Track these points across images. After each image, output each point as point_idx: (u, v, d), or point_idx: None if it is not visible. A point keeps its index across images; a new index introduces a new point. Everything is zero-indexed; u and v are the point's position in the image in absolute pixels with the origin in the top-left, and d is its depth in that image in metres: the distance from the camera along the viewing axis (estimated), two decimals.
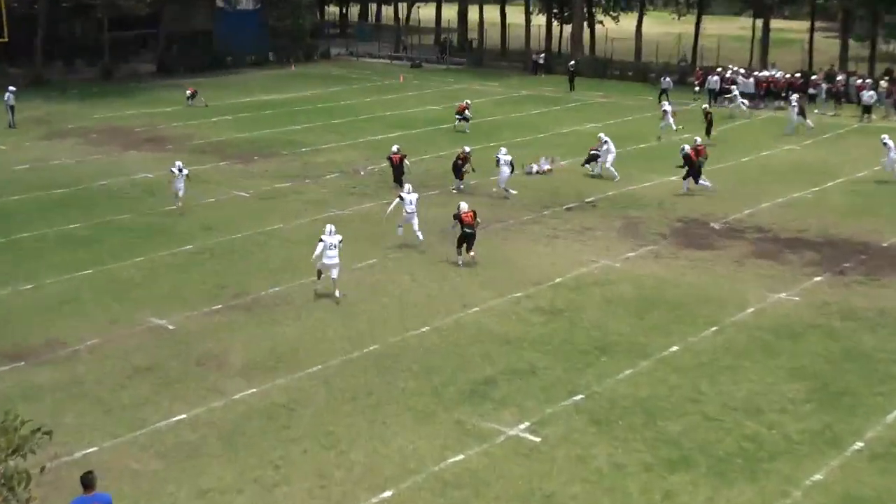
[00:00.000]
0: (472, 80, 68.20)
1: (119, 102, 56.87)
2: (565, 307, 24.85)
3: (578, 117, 52.48)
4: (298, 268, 27.54)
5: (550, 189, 36.70)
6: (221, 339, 22.69)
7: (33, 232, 31.15)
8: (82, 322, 23.72)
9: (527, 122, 51.12)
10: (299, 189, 36.75)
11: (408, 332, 23.17)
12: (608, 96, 60.47)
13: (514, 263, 28.22)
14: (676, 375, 20.99)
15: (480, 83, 66.39)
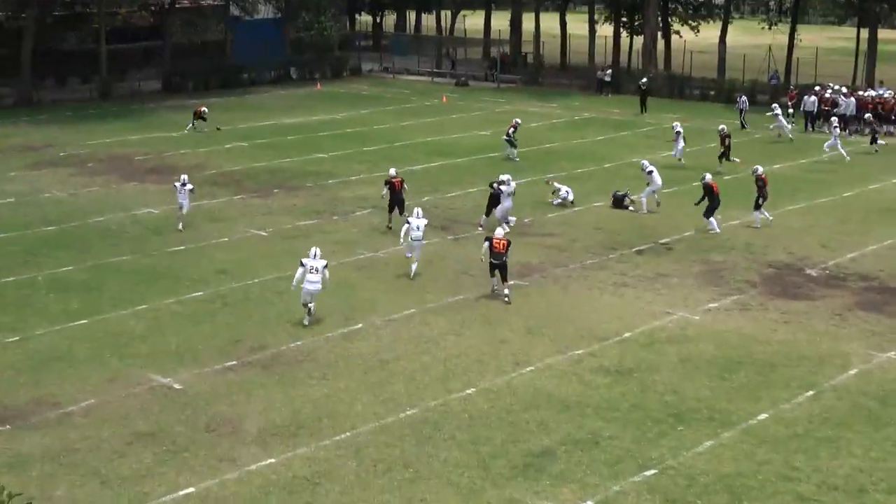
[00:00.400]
0: (526, 100, 68.70)
1: (119, 126, 57.81)
2: (635, 367, 24.96)
3: (651, 144, 52.66)
4: (324, 319, 27.89)
5: (618, 228, 36.89)
6: (235, 402, 23.02)
7: (20, 276, 31.75)
8: (76, 380, 24.13)
9: (590, 149, 51.41)
10: (326, 227, 37.20)
11: (451, 394, 23.38)
12: (686, 119, 60.57)
13: (576, 315, 28.39)
14: (765, 448, 21.03)
15: (536, 104, 66.86)
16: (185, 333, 27.00)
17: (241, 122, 58.41)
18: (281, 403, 22.89)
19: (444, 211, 39.19)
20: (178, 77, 72.49)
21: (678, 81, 70.77)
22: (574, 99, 69.05)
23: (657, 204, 39.59)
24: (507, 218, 36.56)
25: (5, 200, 41.08)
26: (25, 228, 37.08)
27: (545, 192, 41.19)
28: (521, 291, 30.21)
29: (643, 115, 61.96)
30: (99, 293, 30.14)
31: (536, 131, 56.47)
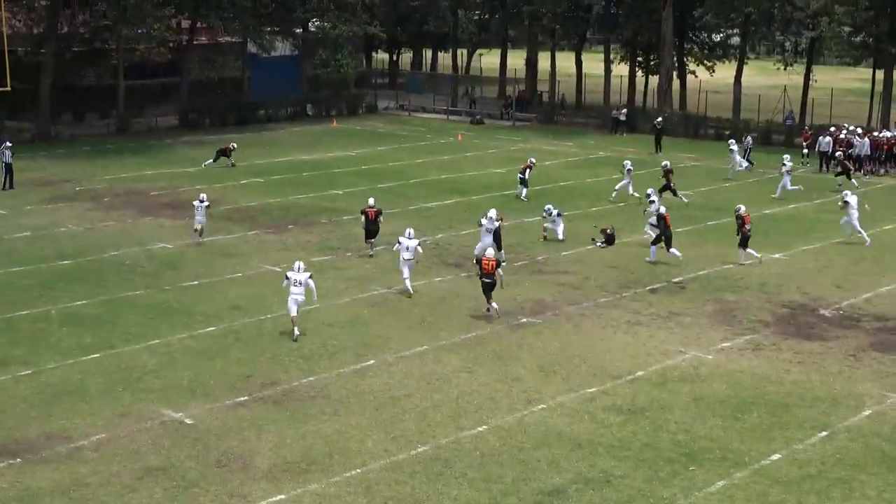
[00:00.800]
0: (541, 138, 68.85)
1: (135, 161, 58.09)
2: (647, 406, 24.87)
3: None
4: (336, 355, 27.89)
5: (631, 267, 36.85)
6: (246, 437, 22.98)
7: (34, 309, 31.84)
8: (87, 414, 24.15)
9: (605, 188, 51.38)
10: (340, 264, 37.25)
11: (462, 431, 23.31)
12: (701, 159, 60.68)
13: (589, 354, 28.34)
14: (778, 489, 20.89)
15: (551, 142, 66.99)
16: (197, 368, 27.00)
17: (257, 159, 58.60)
18: (292, 439, 22.84)
19: (459, 248, 39.20)
20: (195, 113, 72.87)
21: (693, 121, 70.90)
22: (589, 138, 69.18)
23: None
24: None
25: (22, 234, 41.25)
26: (41, 262, 37.19)
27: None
28: (533, 329, 30.18)
29: (658, 154, 61.96)
30: (112, 328, 30.18)
31: (551, 169, 56.56)
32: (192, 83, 75.97)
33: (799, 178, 54.74)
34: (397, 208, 45.85)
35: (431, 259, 37.67)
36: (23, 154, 57.59)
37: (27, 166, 55.37)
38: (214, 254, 38.30)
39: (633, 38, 78.90)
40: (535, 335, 29.72)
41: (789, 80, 74.58)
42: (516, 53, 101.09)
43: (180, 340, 29.14)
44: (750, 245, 37.93)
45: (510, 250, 38.67)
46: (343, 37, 79.90)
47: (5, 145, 50.67)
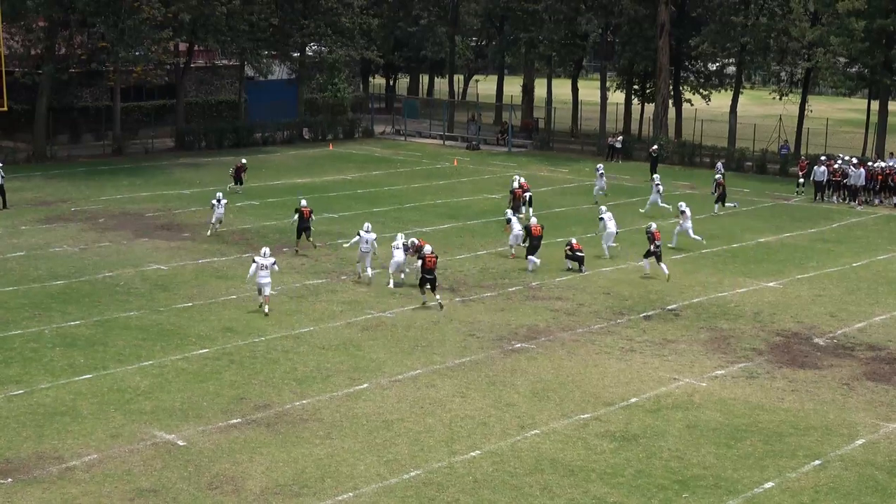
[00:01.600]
0: (536, 164, 68.96)
1: (131, 182, 58.13)
2: (641, 433, 24.85)
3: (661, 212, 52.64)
4: (330, 378, 27.85)
5: (626, 293, 36.88)
6: (239, 460, 22.93)
7: (27, 329, 31.78)
8: (79, 435, 24.09)
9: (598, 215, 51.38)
10: (334, 287, 37.24)
11: (455, 456, 23.27)
12: (696, 186, 60.78)
13: (582, 380, 28.32)
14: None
15: (547, 168, 67.08)
16: (190, 390, 26.94)
17: (252, 181, 58.58)
18: (284, 462, 22.79)
19: (454, 273, 39.18)
20: (191, 136, 72.95)
21: (689, 149, 71.06)
22: (584, 164, 69.26)
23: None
24: (403, 270, 37.43)
25: (16, 254, 41.20)
26: (35, 282, 37.14)
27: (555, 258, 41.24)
28: (527, 355, 30.16)
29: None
30: (105, 348, 30.13)
31: (547, 196, 56.61)
32: (189, 105, 76.09)
33: (794, 207, 54.96)
34: (391, 231, 45.83)
35: None
36: (18, 174, 57.71)
37: (23, 186, 55.42)
38: (208, 276, 38.28)
39: (630, 67, 79.17)
40: (528, 361, 29.71)
41: (785, 110, 74.88)
42: (513, 80, 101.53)
43: (173, 362, 29.09)
44: (746, 272, 37.98)
45: (505, 276, 38.75)
46: (340, 61, 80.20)
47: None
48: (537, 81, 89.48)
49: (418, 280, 34.88)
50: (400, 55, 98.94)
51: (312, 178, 61.08)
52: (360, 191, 56.91)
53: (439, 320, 33.21)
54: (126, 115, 71.53)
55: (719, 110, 78.79)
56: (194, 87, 78.58)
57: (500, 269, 39.79)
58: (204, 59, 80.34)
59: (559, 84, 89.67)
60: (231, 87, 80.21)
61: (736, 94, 74.59)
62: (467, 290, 37.05)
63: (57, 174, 60.57)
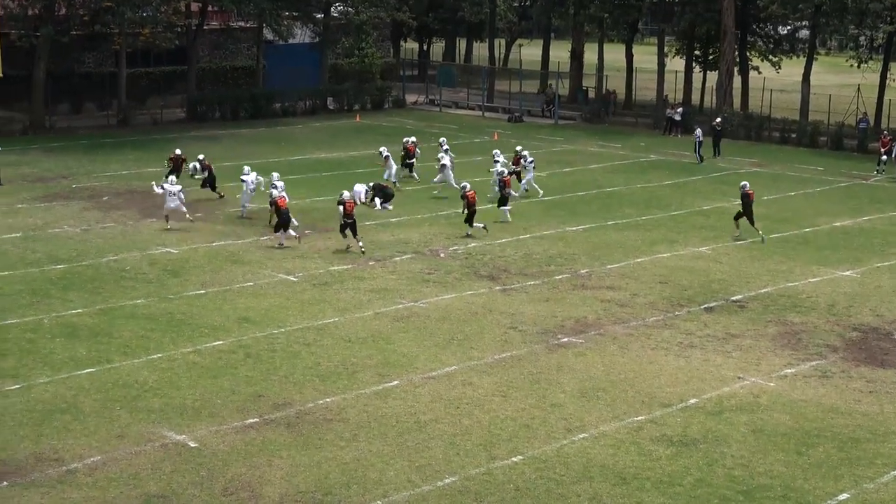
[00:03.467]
0: (586, 139, 68.80)
1: (137, 156, 58.41)
2: (701, 437, 24.81)
3: (725, 191, 52.54)
4: (356, 375, 27.93)
5: (685, 283, 36.79)
6: (256, 463, 23.05)
7: (24, 318, 32.03)
8: (81, 435, 24.26)
9: (656, 195, 51.36)
10: (361, 273, 37.34)
11: (494, 462, 23.31)
12: (764, 164, 60.52)
13: (635, 379, 28.29)
14: None
15: (598, 143, 66.93)
16: (202, 387, 27.09)
17: (271, 156, 58.77)
18: (306, 467, 22.89)
19: (494, 259, 39.21)
20: (204, 105, 73.21)
21: (756, 122, 70.72)
22: (639, 139, 69.08)
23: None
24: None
25: (11, 235, 41.51)
26: (32, 266, 37.42)
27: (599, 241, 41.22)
28: (574, 350, 30.16)
29: (716, 158, 61.83)
30: (109, 340, 30.33)
31: (597, 173, 56.52)
32: (201, 72, 76.34)
33: (874, 188, 54.63)
34: (423, 213, 45.91)
35: (462, 270, 37.69)
36: (14, 147, 58.06)
37: (19, 160, 55.79)
38: (223, 260, 38.45)
39: (691, 30, 78.73)
40: (576, 357, 29.70)
41: (864, 79, 74.32)
42: (560, 44, 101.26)
43: (184, 355, 29.25)
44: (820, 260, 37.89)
45: (551, 262, 38.74)
46: (368, 23, 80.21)
47: None
48: (587, 46, 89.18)
49: (339, 226, 39.51)
50: (435, 16, 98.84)
51: (337, 153, 61.18)
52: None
53: (478, 312, 33.24)
54: (132, 82, 71.79)
55: (790, 79, 78.27)
56: (207, 51, 78.86)
57: (544, 256, 39.77)
58: (218, 21, 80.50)
59: (612, 49, 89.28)
60: (248, 52, 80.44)
61: (809, 62, 74.07)
62: (509, 277, 37.06)
63: (56, 147, 60.94)
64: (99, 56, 74.13)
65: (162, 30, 70.20)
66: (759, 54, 79.36)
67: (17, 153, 57.39)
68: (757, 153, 64.08)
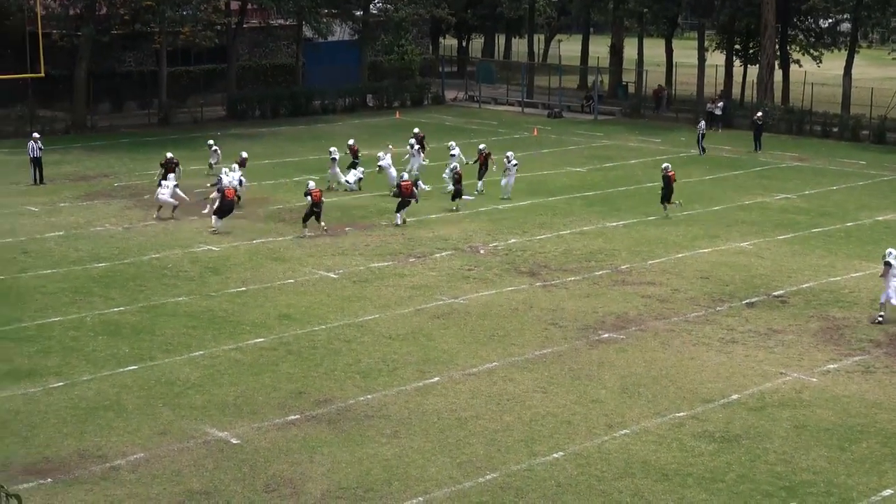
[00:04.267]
0: (626, 134, 68.65)
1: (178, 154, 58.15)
2: (743, 433, 24.72)
3: (766, 186, 52.33)
4: (397, 371, 27.97)
5: (726, 278, 36.64)
6: (297, 460, 23.12)
7: (67, 316, 32.26)
8: (124, 432, 24.42)
9: (696, 190, 51.17)
10: (401, 270, 37.39)
11: (536, 458, 23.31)
12: (806, 158, 60.21)
13: (677, 374, 28.21)
14: None
15: (637, 138, 66.76)
16: (244, 383, 27.20)
17: (310, 154, 58.98)
18: (347, 463, 22.94)
19: (534, 255, 39.18)
20: (243, 103, 73.46)
21: (797, 116, 70.33)
22: (680, 133, 68.86)
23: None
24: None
25: (54, 233, 41.79)
26: (75, 264, 37.67)
27: (640, 236, 41.14)
28: (615, 346, 30.10)
29: (757, 152, 61.59)
30: (151, 337, 30.50)
31: (637, 168, 56.37)
32: (241, 70, 76.64)
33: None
34: (464, 209, 45.90)
35: (502, 266, 37.68)
36: (57, 146, 58.51)
37: (61, 159, 56.19)
38: (264, 258, 38.59)
39: (731, 24, 78.38)
40: (617, 353, 29.64)
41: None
42: (599, 39, 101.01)
43: (226, 352, 29.38)
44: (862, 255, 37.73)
45: (591, 258, 38.68)
46: (407, 20, 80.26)
47: (34, 137, 51.25)
48: (627, 41, 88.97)
49: (304, 214, 41.54)
50: (473, 13, 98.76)
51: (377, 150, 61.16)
52: (430, 164, 56.90)
53: (518, 308, 33.23)
54: (173, 80, 72.17)
55: (831, 73, 77.84)
56: (247, 49, 79.15)
57: (585, 251, 39.70)
58: (258, 19, 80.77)
59: (651, 44, 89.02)
60: (287, 50, 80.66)
61: (851, 55, 73.63)
62: (549, 273, 37.03)
63: (98, 146, 61.33)
64: (139, 55, 74.52)
65: (202, 28, 70.45)
66: (800, 48, 78.90)
67: (60, 152, 57.80)
68: (798, 147, 63.75)
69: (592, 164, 57.21)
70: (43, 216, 44.65)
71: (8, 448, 23.44)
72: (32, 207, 46.24)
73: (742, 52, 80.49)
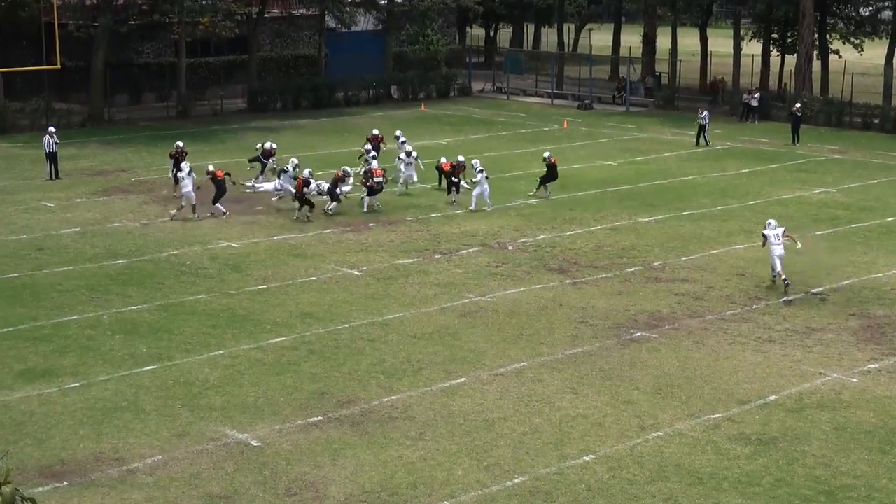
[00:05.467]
0: (659, 126, 68.48)
1: (197, 148, 58.58)
2: (780, 436, 24.62)
3: (804, 179, 52.12)
4: (422, 371, 27.96)
5: (763, 275, 36.50)
6: (320, 463, 23.14)
7: (83, 315, 32.37)
8: (141, 433, 24.48)
9: (732, 184, 51.00)
10: (426, 267, 37.38)
11: (565, 461, 23.26)
12: (845, 151, 59.95)
13: (712, 374, 28.12)
14: None
15: (671, 130, 66.60)
16: (264, 384, 27.24)
17: (333, 147, 59.04)
18: (371, 466, 22.95)
19: (563, 251, 39.13)
20: (265, 95, 73.58)
21: (836, 108, 69.97)
22: (715, 126, 68.60)
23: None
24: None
25: (70, 230, 41.95)
26: (91, 261, 37.79)
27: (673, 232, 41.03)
28: (648, 345, 30.03)
29: (795, 145, 61.36)
30: (170, 336, 30.58)
31: (670, 162, 56.23)
32: (262, 61, 76.73)
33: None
34: (493, 205, 45.83)
35: (531, 263, 37.64)
36: (73, 140, 58.75)
37: (77, 153, 56.40)
38: (285, 254, 38.63)
39: (768, 12, 78.07)
40: (650, 352, 29.58)
41: None
42: (631, 29, 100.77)
43: (246, 352, 29.43)
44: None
45: (623, 255, 38.61)
46: (433, 9, 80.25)
47: (49, 131, 51.38)
48: (660, 30, 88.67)
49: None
50: (501, 2, 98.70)
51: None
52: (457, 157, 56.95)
53: (547, 306, 33.18)
54: (192, 72, 72.32)
55: (872, 62, 77.50)
56: (268, 40, 79.26)
57: (616, 247, 39.62)
58: (279, 9, 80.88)
59: (685, 33, 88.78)
60: (310, 41, 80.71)
61: (892, 44, 73.24)
62: (579, 270, 36.97)
63: (115, 139, 61.54)
64: (158, 46, 74.72)
65: (222, 18, 70.55)
66: (840, 36, 78.56)
67: (76, 146, 58.02)
68: (838, 140, 63.46)
69: (624, 158, 57.05)
70: (59, 212, 44.82)
71: (23, 450, 23.51)
72: (48, 203, 46.41)
73: (779, 41, 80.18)
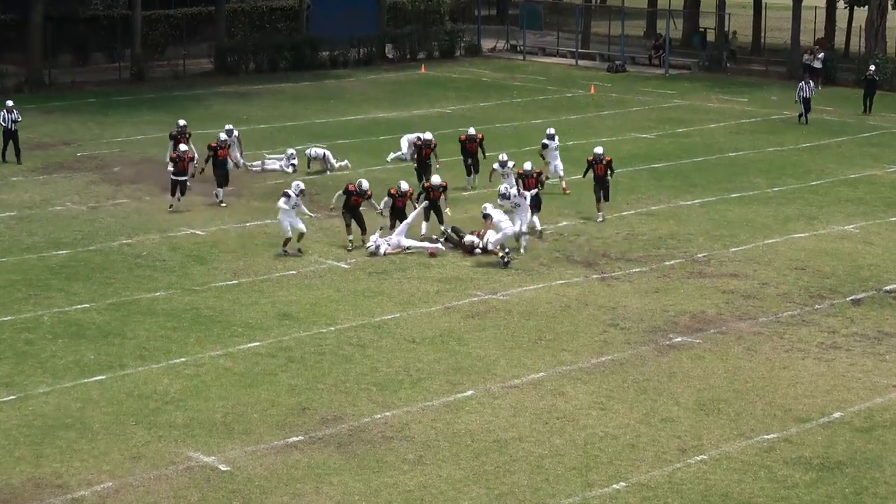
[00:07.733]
0: (703, 92, 68.48)
1: (155, 118, 58.79)
2: (847, 459, 24.65)
3: (877, 155, 52.13)
4: (422, 383, 28.00)
5: (827, 269, 36.54)
6: (300, 491, 23.16)
7: (19, 315, 32.38)
8: (89, 456, 24.47)
9: (790, 160, 51.06)
10: (427, 260, 37.40)
11: (591, 489, 23.29)
12: None
13: (766, 387, 28.16)
14: None
15: (718, 98, 66.60)
16: (235, 398, 27.27)
17: (316, 116, 59.07)
18: (361, 495, 22.98)
19: (590, 241, 39.16)
20: (235, 55, 73.54)
21: None
22: (770, 91, 68.70)
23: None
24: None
25: (5, 214, 41.98)
26: (29, 252, 37.83)
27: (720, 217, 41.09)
28: (690, 352, 30.06)
29: (866, 115, 61.33)
30: (122, 341, 30.60)
31: (716, 133, 56.22)
32: (233, 14, 76.74)
33: None
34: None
35: (552, 255, 37.67)
36: None
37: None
38: (259, 244, 38.67)
39: None
40: (692, 360, 29.61)
41: None
42: None
43: (213, 360, 29.46)
44: None
45: (660, 244, 38.60)
46: None
47: (7, 106, 49.72)
48: None
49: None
50: None
51: (398, 112, 61.31)
52: (463, 129, 56.92)
53: (570, 305, 33.22)
54: (149, 27, 72.34)
55: None
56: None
57: (652, 236, 39.66)
58: None
59: None
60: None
61: None
62: (609, 263, 37.00)
63: (58, 107, 61.54)
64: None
65: None
66: None
67: None
68: None
69: (662, 129, 57.07)
70: None
71: None
72: None
73: None
